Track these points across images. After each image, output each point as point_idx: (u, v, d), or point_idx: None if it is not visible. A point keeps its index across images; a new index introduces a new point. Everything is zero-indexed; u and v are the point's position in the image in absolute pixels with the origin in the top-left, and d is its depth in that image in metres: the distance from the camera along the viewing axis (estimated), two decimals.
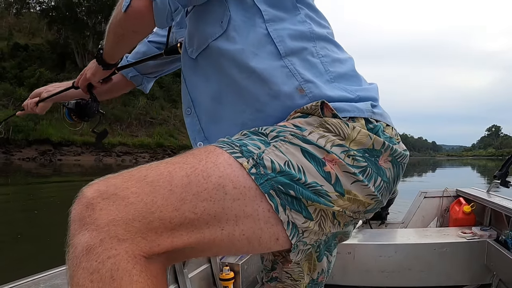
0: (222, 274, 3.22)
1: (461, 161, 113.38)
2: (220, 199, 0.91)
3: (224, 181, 0.92)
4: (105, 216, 0.83)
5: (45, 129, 38.01)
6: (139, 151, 45.05)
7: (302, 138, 1.02)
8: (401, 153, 1.14)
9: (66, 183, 19.43)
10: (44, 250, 7.01)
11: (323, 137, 1.02)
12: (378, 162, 1.08)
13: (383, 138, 1.08)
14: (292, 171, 0.97)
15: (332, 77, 1.16)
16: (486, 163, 75.85)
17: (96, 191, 0.85)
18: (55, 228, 8.57)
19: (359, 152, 1.04)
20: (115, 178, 0.90)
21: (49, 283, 1.89)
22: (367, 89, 1.20)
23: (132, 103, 49.22)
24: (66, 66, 46.87)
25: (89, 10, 47.82)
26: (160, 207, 0.86)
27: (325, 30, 1.26)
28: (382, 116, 1.15)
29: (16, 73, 41.89)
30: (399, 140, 1.17)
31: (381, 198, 1.13)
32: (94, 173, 27.94)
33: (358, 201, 1.06)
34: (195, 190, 0.90)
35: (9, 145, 35.61)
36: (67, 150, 39.59)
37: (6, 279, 1.92)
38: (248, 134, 1.08)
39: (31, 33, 54.12)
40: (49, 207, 11.61)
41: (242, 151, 0.98)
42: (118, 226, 0.83)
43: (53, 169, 30.01)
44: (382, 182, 1.10)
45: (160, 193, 0.88)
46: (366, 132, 1.06)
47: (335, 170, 1.01)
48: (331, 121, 1.05)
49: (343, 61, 1.23)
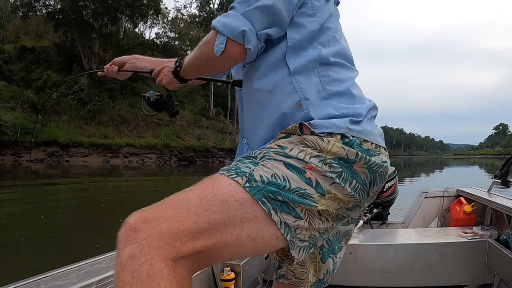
0: (223, 275, 3.22)
1: (468, 160, 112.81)
2: (226, 211, 1.20)
3: (226, 196, 1.21)
4: (143, 233, 1.11)
5: (52, 130, 38.09)
6: (146, 152, 45.08)
7: (284, 154, 1.30)
8: (378, 163, 1.38)
9: (75, 184, 19.45)
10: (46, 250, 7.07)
11: (302, 151, 1.30)
12: (353, 167, 1.33)
13: (358, 150, 1.33)
14: (278, 181, 1.25)
15: (327, 94, 1.40)
16: (494, 162, 75.35)
17: (137, 218, 1.15)
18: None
19: (335, 160, 1.30)
20: (149, 208, 1.20)
21: (50, 284, 1.90)
22: (354, 107, 1.41)
23: (138, 104, 49.21)
24: (73, 68, 46.97)
25: (95, 13, 47.88)
26: (182, 222, 1.15)
27: (333, 50, 1.48)
28: (361, 133, 1.36)
29: (24, 76, 42.03)
30: (380, 152, 1.40)
31: (359, 197, 1.37)
32: (101, 174, 28.06)
33: (338, 199, 1.31)
34: (206, 207, 1.19)
35: (17, 147, 35.71)
36: (75, 151, 39.66)
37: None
38: (241, 159, 1.36)
39: (38, 36, 54.29)
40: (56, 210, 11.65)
41: (237, 172, 1.27)
42: (153, 238, 1.11)
43: (61, 170, 30.12)
44: (358, 184, 1.34)
45: (181, 213, 1.17)
46: (340, 145, 1.31)
47: (315, 175, 1.28)
48: (309, 138, 1.32)
49: (343, 81, 1.45)
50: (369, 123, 1.43)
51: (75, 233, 8.82)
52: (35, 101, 38.92)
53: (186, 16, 78.26)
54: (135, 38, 67.63)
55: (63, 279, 1.96)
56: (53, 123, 39.33)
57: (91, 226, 9.60)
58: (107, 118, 45.44)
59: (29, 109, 38.68)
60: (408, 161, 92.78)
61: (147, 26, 79.24)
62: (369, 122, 1.44)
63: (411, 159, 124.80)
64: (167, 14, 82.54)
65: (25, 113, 37.93)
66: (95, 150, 41.36)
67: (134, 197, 15.72)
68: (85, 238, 8.05)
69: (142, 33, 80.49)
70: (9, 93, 38.68)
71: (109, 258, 2.34)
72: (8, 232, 8.56)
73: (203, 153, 50.56)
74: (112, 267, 2.14)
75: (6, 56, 44.46)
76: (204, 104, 62.14)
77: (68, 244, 7.57)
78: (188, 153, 48.50)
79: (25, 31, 54.21)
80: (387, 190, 4.64)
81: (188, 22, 78.47)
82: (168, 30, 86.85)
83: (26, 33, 53.97)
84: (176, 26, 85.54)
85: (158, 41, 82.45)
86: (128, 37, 61.30)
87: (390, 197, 4.71)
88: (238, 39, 1.32)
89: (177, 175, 30.05)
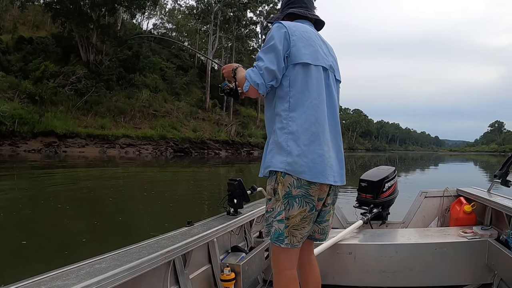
0: (223, 275, 3.24)
1: (463, 156, 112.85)
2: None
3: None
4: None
5: (50, 121, 37.90)
6: (142, 143, 44.92)
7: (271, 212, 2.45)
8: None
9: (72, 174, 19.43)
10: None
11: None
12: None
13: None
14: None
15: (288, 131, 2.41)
16: (489, 159, 75.59)
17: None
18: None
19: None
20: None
21: (50, 284, 1.90)
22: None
23: (135, 96, 49.10)
24: (71, 59, 46.66)
25: (93, 4, 47.34)
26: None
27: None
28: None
29: (21, 66, 41.69)
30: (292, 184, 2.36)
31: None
32: (98, 165, 28.06)
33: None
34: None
35: (15, 137, 35.53)
36: (72, 142, 39.49)
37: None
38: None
39: (36, 26, 53.80)
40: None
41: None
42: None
43: (58, 160, 30.07)
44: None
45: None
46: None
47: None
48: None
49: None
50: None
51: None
52: (33, 91, 38.73)
53: (184, 7, 77.94)
54: (133, 29, 67.25)
55: (63, 279, 1.96)
56: (50, 113, 39.16)
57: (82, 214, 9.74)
58: (104, 109, 45.17)
59: (27, 99, 38.53)
60: (404, 156, 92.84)
61: (144, 17, 79.07)
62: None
63: (407, 154, 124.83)
64: (164, 5, 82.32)
65: (23, 103, 37.76)
66: (92, 141, 41.22)
67: (125, 186, 15.75)
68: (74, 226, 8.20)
69: (140, 24, 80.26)
70: (7, 84, 38.46)
71: (109, 258, 2.34)
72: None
73: (198, 145, 50.49)
74: (112, 267, 2.15)
75: (4, 47, 44.15)
76: (200, 96, 61.87)
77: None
78: (184, 145, 48.39)
79: (23, 21, 53.80)
80: (387, 190, 4.63)
81: (185, 14, 78.15)
82: (165, 21, 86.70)
83: (24, 23, 53.59)
84: (173, 17, 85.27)
85: (156, 32, 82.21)
86: (126, 28, 60.94)
87: (390, 197, 4.69)
88: (255, 86, 2.38)
89: (173, 166, 30.10)
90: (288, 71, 2.42)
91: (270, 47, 2.41)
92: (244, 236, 4.17)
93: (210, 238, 3.21)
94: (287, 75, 2.42)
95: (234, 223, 3.65)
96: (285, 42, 2.41)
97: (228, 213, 3.84)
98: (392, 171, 4.82)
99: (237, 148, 56.27)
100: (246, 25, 72.48)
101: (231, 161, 40.12)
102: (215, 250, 3.46)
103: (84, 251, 6.12)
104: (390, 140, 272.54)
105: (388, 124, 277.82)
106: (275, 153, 2.38)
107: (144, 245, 2.67)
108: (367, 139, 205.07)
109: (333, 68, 2.63)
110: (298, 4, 2.71)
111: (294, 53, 2.41)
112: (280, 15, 2.76)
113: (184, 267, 3.00)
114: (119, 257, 2.36)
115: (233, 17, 66.36)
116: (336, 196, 2.64)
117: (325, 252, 3.59)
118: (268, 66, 2.35)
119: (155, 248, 2.60)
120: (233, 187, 3.85)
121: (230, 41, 72.34)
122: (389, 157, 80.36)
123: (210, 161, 37.40)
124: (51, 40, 47.57)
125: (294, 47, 2.41)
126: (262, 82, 2.36)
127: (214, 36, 64.83)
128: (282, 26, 2.46)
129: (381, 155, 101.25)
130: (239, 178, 3.87)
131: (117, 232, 8.17)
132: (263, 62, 2.39)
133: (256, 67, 2.40)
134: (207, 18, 65.09)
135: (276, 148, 2.38)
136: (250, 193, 4.02)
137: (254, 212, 4.12)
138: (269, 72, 2.36)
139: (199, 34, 75.85)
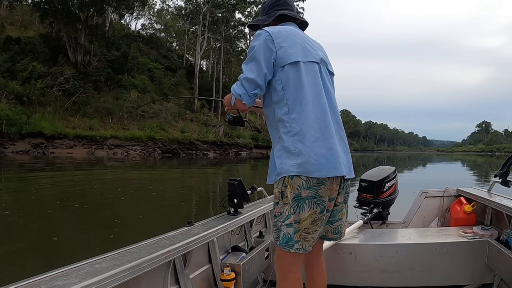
0: (223, 275, 3.24)
1: (451, 156, 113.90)
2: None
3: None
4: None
5: (38, 122, 37.69)
6: (131, 144, 44.84)
7: (279, 217, 2.42)
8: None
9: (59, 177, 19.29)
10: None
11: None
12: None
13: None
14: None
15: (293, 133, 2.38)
16: (476, 159, 76.39)
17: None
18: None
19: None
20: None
21: (50, 284, 1.89)
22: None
23: (123, 97, 49.01)
24: (59, 59, 46.49)
25: (81, 4, 47.16)
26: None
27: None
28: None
29: (9, 67, 41.38)
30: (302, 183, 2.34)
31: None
32: (86, 166, 27.94)
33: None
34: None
35: (2, 138, 35.30)
36: (60, 143, 39.32)
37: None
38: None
39: (24, 26, 53.49)
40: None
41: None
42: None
43: (46, 162, 29.89)
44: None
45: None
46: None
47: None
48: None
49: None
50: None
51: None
52: (21, 92, 38.51)
53: (172, 8, 77.98)
54: (121, 29, 67.19)
55: (63, 279, 1.95)
56: (38, 114, 38.96)
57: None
58: (92, 110, 45.03)
59: (14, 100, 38.30)
60: (392, 156, 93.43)
61: (133, 17, 78.99)
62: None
63: (395, 154, 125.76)
64: (153, 5, 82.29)
65: (10, 104, 37.53)
66: (80, 142, 41.05)
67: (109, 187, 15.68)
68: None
69: (128, 25, 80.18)
70: None
71: (109, 258, 2.33)
72: None
73: (187, 146, 50.53)
74: (112, 267, 2.15)
75: None
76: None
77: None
78: (172, 146, 48.40)
79: (11, 21, 53.47)
80: (387, 190, 4.63)
81: (174, 14, 78.19)
82: (154, 22, 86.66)
83: (12, 23, 53.24)
84: (162, 18, 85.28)
85: (144, 33, 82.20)
86: (114, 29, 60.84)
87: (390, 197, 4.70)
88: (238, 98, 2.46)
89: (161, 168, 30.04)
90: (279, 74, 2.43)
91: (250, 57, 2.46)
92: (244, 236, 4.17)
93: (210, 238, 3.20)
94: (278, 78, 2.43)
95: (234, 223, 3.63)
96: (268, 48, 2.42)
97: (228, 213, 3.83)
98: (392, 171, 4.83)
99: (225, 149, 56.32)
100: (234, 26, 72.75)
101: (219, 162, 40.18)
102: (215, 250, 3.45)
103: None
104: (378, 141, 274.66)
105: (376, 124, 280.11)
106: (284, 158, 2.36)
107: (144, 245, 2.66)
108: (355, 140, 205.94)
109: (325, 61, 2.62)
110: (284, 6, 2.71)
111: (281, 55, 2.42)
112: (266, 17, 2.74)
113: (184, 267, 3.00)
114: (119, 257, 2.35)
115: (222, 18, 66.57)
116: (347, 195, 2.61)
117: (325, 252, 3.56)
118: (247, 76, 2.41)
119: (155, 248, 2.59)
120: (233, 187, 3.83)
121: (218, 42, 72.36)
122: (377, 157, 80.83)
123: (199, 162, 37.47)
124: (39, 40, 47.27)
125: (281, 49, 2.43)
126: (244, 92, 2.42)
127: (202, 37, 65.05)
128: (263, 32, 2.48)
129: (369, 155, 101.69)
130: (239, 178, 3.86)
131: (105, 236, 8.04)
132: (243, 73, 2.45)
133: (238, 80, 2.47)
134: (195, 19, 65.34)
135: (285, 153, 2.36)
136: (250, 193, 4.01)
137: (254, 212, 4.11)
138: (248, 82, 2.41)
139: (188, 34, 75.90)
